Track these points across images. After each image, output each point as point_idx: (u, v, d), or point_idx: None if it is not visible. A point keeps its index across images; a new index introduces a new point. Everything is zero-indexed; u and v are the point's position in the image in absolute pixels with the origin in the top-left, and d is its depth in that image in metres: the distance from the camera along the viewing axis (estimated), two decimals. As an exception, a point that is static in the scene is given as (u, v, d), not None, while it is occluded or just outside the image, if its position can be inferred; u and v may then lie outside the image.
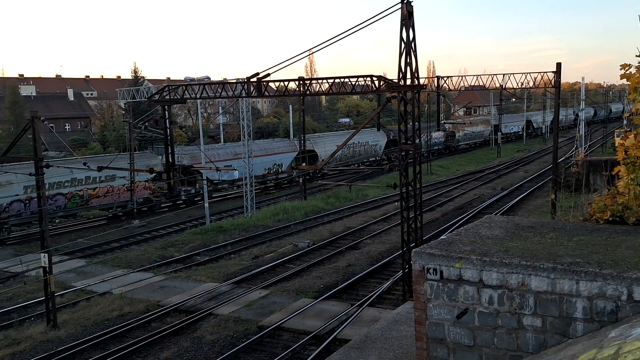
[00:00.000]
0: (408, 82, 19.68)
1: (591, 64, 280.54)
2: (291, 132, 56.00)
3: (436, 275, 5.22)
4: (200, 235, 31.00)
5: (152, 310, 19.91)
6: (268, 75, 23.59)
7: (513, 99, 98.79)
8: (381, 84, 21.76)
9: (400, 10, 19.29)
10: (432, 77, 45.18)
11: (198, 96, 27.49)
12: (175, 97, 29.99)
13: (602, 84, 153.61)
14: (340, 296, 20.70)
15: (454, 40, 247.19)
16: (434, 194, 41.03)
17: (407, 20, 19.22)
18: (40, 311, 20.13)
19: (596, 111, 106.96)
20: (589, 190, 24.72)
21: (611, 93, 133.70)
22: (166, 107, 35.05)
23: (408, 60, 19.46)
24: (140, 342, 17.04)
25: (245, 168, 37.08)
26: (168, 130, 35.71)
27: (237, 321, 18.52)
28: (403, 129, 20.13)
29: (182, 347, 16.81)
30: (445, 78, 41.92)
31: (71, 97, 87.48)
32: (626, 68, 6.62)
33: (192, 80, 55.10)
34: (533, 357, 4.73)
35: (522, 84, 37.94)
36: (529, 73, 36.65)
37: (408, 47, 19.37)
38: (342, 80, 24.06)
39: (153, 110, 43.83)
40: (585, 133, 54.36)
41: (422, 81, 26.45)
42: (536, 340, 4.81)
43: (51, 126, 57.57)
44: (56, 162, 32.03)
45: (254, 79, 23.95)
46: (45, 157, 24.33)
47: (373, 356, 10.55)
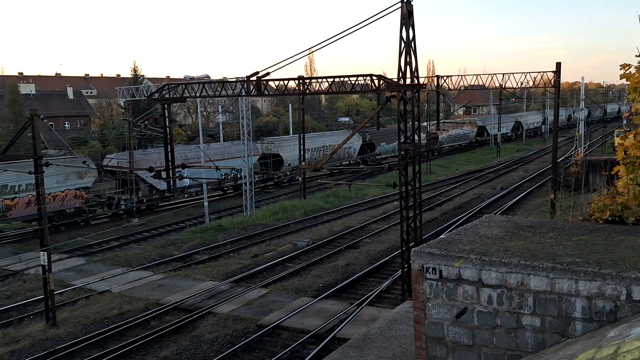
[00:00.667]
0: (408, 82, 19.67)
1: (591, 64, 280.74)
2: (291, 130, 56.00)
3: (435, 274, 5.22)
4: (199, 233, 31.00)
5: (152, 308, 19.92)
6: (268, 74, 23.56)
7: (512, 99, 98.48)
8: (381, 83, 21.74)
9: (400, 9, 19.28)
10: (432, 77, 45.15)
11: (198, 95, 27.45)
12: (174, 96, 29.95)
13: (602, 84, 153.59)
14: (339, 295, 20.71)
15: (454, 39, 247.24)
16: (434, 193, 41.04)
17: (407, 19, 19.21)
18: (39, 309, 20.13)
19: (590, 112, 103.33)
20: (589, 190, 24.77)
21: (611, 93, 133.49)
22: (166, 106, 34.96)
23: (408, 59, 19.44)
24: (139, 341, 17.05)
25: (200, 173, 35.91)
26: (167, 129, 35.66)
27: (236, 320, 18.53)
28: (403, 128, 20.13)
29: (181, 346, 16.82)
30: (444, 77, 41.87)
31: (71, 96, 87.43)
32: (626, 68, 6.63)
33: (192, 79, 55.05)
34: (532, 357, 4.74)
35: (522, 84, 37.90)
36: (529, 73, 36.59)
37: (408, 47, 19.36)
38: (342, 79, 24.04)
39: (152, 108, 43.81)
40: (584, 133, 54.39)
41: (422, 80, 26.40)
42: (535, 339, 4.82)
43: (50, 124, 57.57)
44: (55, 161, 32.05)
45: (254, 78, 23.92)
46: (44, 155, 24.32)
47: (372, 355, 10.56)
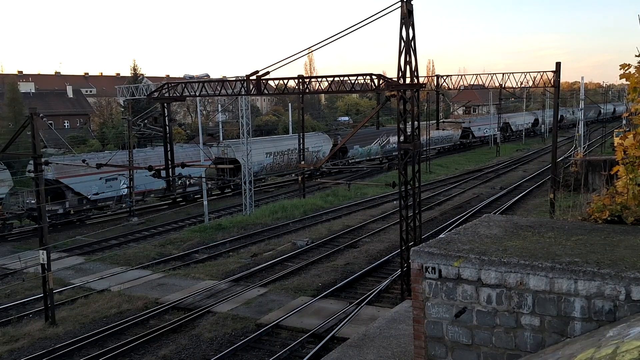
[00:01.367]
0: (407, 81, 19.66)
1: (591, 64, 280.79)
2: (290, 129, 55.98)
3: (435, 274, 5.22)
4: (198, 233, 31.00)
5: (151, 307, 19.92)
6: (267, 73, 23.54)
7: (512, 98, 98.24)
8: (380, 83, 21.73)
9: (400, 8, 19.27)
10: (432, 76, 45.12)
11: (197, 94, 27.43)
12: (174, 95, 29.92)
13: (602, 84, 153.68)
14: (338, 294, 20.72)
15: (454, 39, 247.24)
16: (433, 193, 41.05)
17: (407, 19, 19.20)
18: (38, 308, 20.13)
19: (584, 112, 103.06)
20: (588, 189, 24.76)
21: (610, 93, 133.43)
22: (165, 105, 34.94)
23: (407, 58, 19.43)
24: (138, 340, 17.05)
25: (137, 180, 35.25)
26: (167, 128, 35.62)
27: (236, 319, 18.53)
28: (402, 128, 20.13)
29: (181, 345, 16.82)
30: (444, 77, 41.85)
31: (70, 94, 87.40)
32: (625, 68, 6.63)
33: (192, 78, 55.10)
34: (531, 356, 4.74)
35: (522, 83, 37.87)
36: (529, 72, 36.55)
37: (408, 46, 19.35)
38: (342, 78, 24.02)
39: (152, 107, 43.76)
40: (584, 133, 54.39)
41: (422, 80, 26.40)
42: (534, 339, 4.82)
43: (50, 123, 57.44)
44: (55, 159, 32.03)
45: (254, 77, 23.90)
46: (44, 154, 24.30)
47: (371, 354, 10.56)
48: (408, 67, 19.50)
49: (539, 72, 35.37)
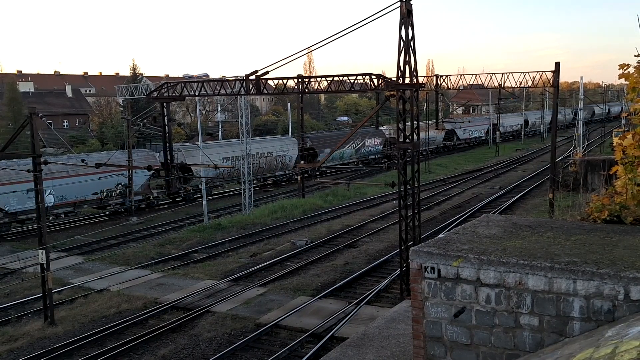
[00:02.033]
0: (407, 81, 19.68)
1: (590, 64, 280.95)
2: (289, 130, 55.89)
3: (434, 273, 5.22)
4: (198, 232, 30.98)
5: (150, 307, 19.91)
6: (267, 72, 23.58)
7: (511, 98, 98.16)
8: (380, 82, 21.76)
9: (399, 8, 19.29)
10: (431, 76, 45.15)
11: (197, 93, 27.48)
12: (173, 95, 29.96)
13: (601, 84, 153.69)
14: (337, 294, 20.72)
15: (453, 39, 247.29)
16: (432, 193, 41.06)
17: (407, 18, 19.21)
18: (37, 308, 20.12)
19: (576, 113, 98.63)
20: (587, 189, 24.78)
21: (609, 93, 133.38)
22: (165, 105, 34.99)
23: (407, 58, 19.46)
24: (137, 339, 17.04)
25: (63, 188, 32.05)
26: (166, 127, 35.67)
27: (235, 319, 18.53)
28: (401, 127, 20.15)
29: (180, 344, 16.82)
30: (444, 77, 41.91)
31: (69, 94, 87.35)
32: (624, 68, 6.63)
33: (191, 77, 55.13)
34: (530, 356, 4.74)
35: (521, 83, 37.94)
36: (528, 72, 36.63)
37: (407, 46, 19.36)
38: (341, 78, 24.06)
39: (151, 107, 43.77)
40: (583, 133, 54.41)
41: (421, 80, 26.44)
42: (533, 339, 4.82)
43: (49, 123, 57.44)
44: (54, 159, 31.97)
45: (253, 77, 23.94)
46: (43, 154, 24.29)
47: (370, 354, 10.56)
48: (407, 67, 19.53)
49: (538, 72, 35.44)
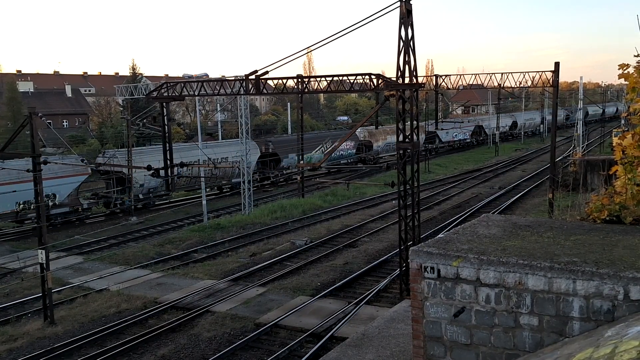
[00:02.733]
0: (406, 81, 19.68)
1: (590, 64, 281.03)
2: (289, 130, 55.84)
3: (433, 273, 5.22)
4: (197, 232, 30.98)
5: (150, 307, 19.91)
6: (266, 72, 23.54)
7: (510, 98, 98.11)
8: (379, 82, 21.74)
9: (399, 8, 19.28)
10: (431, 76, 45.14)
11: (196, 93, 27.43)
12: (173, 94, 29.91)
13: (600, 84, 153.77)
14: (337, 294, 20.72)
15: (453, 39, 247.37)
16: (432, 193, 41.07)
17: (406, 18, 19.21)
18: (37, 307, 20.13)
19: (568, 115, 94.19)
20: (587, 189, 24.78)
21: (609, 93, 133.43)
22: (164, 104, 34.94)
23: (407, 58, 19.45)
24: (137, 339, 17.04)
25: None
26: (166, 127, 35.60)
27: (235, 318, 18.53)
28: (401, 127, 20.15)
29: (179, 344, 16.82)
30: (443, 77, 41.87)
31: (69, 94, 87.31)
32: (624, 68, 6.64)
33: (191, 77, 55.04)
34: (530, 356, 4.75)
35: (520, 83, 37.90)
36: (527, 72, 36.56)
37: (407, 46, 19.36)
38: (341, 78, 24.03)
39: (151, 107, 43.78)
40: (582, 133, 54.42)
41: (421, 80, 26.43)
42: (533, 339, 4.82)
43: (49, 122, 57.36)
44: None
45: (253, 77, 23.90)
46: (42, 154, 24.27)
47: (370, 354, 10.57)
48: (407, 67, 19.52)
49: (538, 72, 35.38)
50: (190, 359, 16.01)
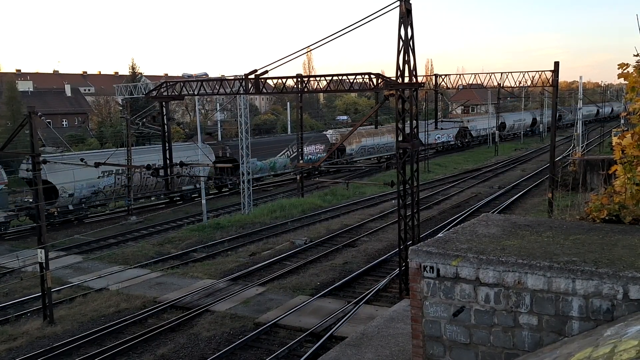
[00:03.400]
0: (406, 80, 19.67)
1: (590, 63, 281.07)
2: (289, 129, 55.77)
3: (433, 273, 5.22)
4: (197, 231, 30.98)
5: (149, 306, 19.91)
6: (266, 72, 23.53)
7: (509, 98, 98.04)
8: (379, 82, 21.74)
9: (398, 8, 19.28)
10: (430, 75, 45.11)
11: (196, 93, 27.43)
12: (173, 94, 29.89)
13: (600, 83, 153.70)
14: (336, 293, 20.72)
15: (453, 38, 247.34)
16: (431, 192, 41.07)
17: (406, 18, 19.20)
18: (36, 307, 20.13)
19: (561, 115, 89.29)
20: (586, 189, 24.76)
21: (609, 92, 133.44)
22: (164, 104, 34.92)
23: (406, 58, 19.44)
24: (136, 338, 17.04)
25: None
26: (165, 126, 35.59)
27: (234, 318, 18.53)
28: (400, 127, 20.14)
29: (179, 344, 16.82)
30: (443, 76, 41.85)
31: (68, 93, 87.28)
32: (624, 67, 6.64)
33: (190, 76, 54.92)
34: (529, 355, 4.75)
35: (520, 83, 37.89)
36: (527, 72, 36.59)
37: (406, 45, 19.35)
38: (340, 77, 24.02)
39: (150, 106, 43.74)
40: (582, 132, 54.40)
41: (420, 79, 26.42)
42: (532, 338, 4.82)
43: (48, 122, 57.34)
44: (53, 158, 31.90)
45: (252, 76, 23.89)
46: (42, 153, 24.27)
47: (369, 353, 10.57)
48: (407, 66, 19.51)
49: (538, 72, 35.39)
50: (189, 359, 16.01)
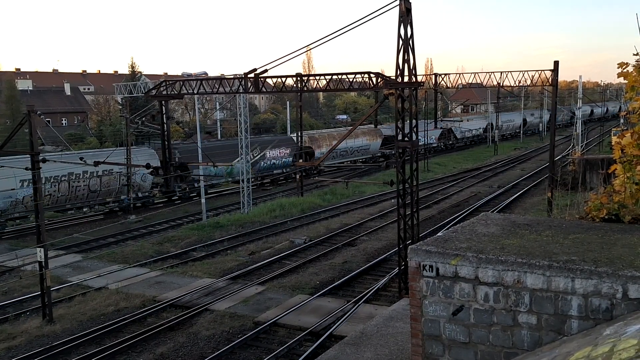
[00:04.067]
0: (406, 79, 19.68)
1: (589, 63, 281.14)
2: (288, 129, 55.74)
3: (432, 272, 5.22)
4: (196, 230, 30.97)
5: (148, 305, 19.90)
6: (265, 71, 23.56)
7: (509, 97, 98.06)
8: (379, 81, 21.75)
9: (398, 7, 19.28)
10: (430, 75, 45.12)
11: (195, 92, 27.47)
12: (172, 93, 29.92)
13: (600, 83, 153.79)
14: (336, 293, 20.73)
15: (453, 38, 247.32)
16: (431, 191, 41.07)
17: (405, 17, 19.21)
18: (36, 306, 20.10)
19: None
20: (585, 188, 24.77)
21: (608, 91, 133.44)
22: (163, 103, 34.98)
23: (406, 57, 19.45)
24: (136, 337, 17.03)
25: None
26: (165, 125, 35.66)
27: (233, 317, 18.53)
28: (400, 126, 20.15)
29: (178, 343, 16.81)
30: (442, 75, 41.87)
31: (68, 92, 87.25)
32: (623, 67, 6.64)
33: (190, 75, 54.95)
34: (528, 355, 4.75)
35: (520, 82, 37.93)
36: (527, 71, 36.67)
37: (406, 44, 19.36)
38: (340, 76, 24.04)
39: (150, 105, 43.77)
40: (582, 132, 54.41)
41: (420, 78, 26.44)
42: (531, 337, 4.82)
43: (48, 120, 57.29)
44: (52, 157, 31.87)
45: (252, 75, 23.91)
46: (41, 152, 24.25)
47: (369, 352, 10.57)
48: (406, 66, 19.52)
49: (537, 71, 35.45)
50: (189, 358, 16.00)
